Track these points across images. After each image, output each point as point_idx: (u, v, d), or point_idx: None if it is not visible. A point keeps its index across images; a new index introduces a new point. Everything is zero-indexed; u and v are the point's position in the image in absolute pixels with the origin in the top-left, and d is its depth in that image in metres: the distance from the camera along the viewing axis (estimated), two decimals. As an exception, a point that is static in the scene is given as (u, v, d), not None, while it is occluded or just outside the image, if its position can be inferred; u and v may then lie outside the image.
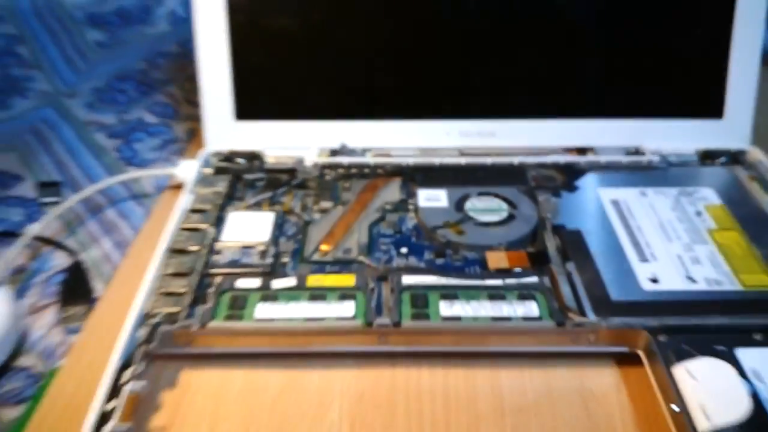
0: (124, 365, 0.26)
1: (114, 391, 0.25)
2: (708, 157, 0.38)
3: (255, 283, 0.30)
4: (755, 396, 0.24)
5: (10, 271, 0.34)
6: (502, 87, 0.39)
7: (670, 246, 0.31)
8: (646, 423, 0.26)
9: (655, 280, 0.29)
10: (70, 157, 0.43)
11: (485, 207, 0.35)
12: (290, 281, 0.30)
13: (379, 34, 0.38)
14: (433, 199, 0.35)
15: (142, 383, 0.26)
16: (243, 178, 0.37)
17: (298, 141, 0.39)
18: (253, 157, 0.38)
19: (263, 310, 0.28)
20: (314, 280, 0.30)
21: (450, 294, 0.29)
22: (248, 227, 0.33)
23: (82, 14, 0.63)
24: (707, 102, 0.38)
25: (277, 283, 0.30)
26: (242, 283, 0.30)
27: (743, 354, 0.26)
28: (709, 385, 0.24)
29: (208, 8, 0.37)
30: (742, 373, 0.25)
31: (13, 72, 0.54)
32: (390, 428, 0.26)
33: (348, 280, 0.30)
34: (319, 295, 0.29)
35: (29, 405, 0.28)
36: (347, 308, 0.28)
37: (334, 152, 0.39)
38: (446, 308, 0.28)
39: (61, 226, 0.37)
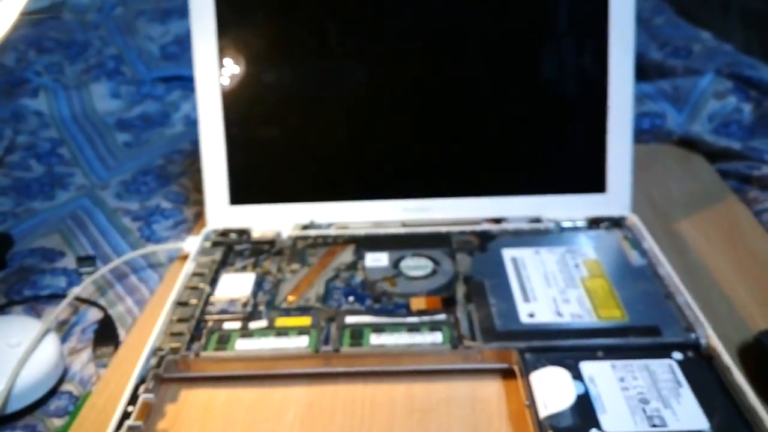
0: (140, 382, 0.36)
1: (132, 399, 0.35)
2: (595, 222, 0.49)
3: (236, 325, 0.40)
4: (586, 394, 0.34)
5: (57, 323, 0.45)
6: (435, 173, 0.51)
7: (549, 290, 0.42)
8: (515, 418, 0.35)
9: (531, 315, 0.40)
10: (102, 237, 0.55)
11: (415, 265, 0.45)
12: (262, 323, 0.40)
13: (340, 135, 0.51)
14: (377, 260, 0.46)
15: (151, 395, 0.36)
16: (234, 248, 0.48)
17: (277, 219, 0.50)
18: (243, 232, 0.50)
19: (242, 344, 0.39)
20: (281, 321, 0.41)
21: (379, 329, 0.39)
22: (235, 285, 0.44)
23: (112, 119, 0.77)
24: (593, 180, 0.49)
25: (253, 325, 0.40)
26: (228, 325, 0.40)
27: (586, 365, 0.36)
28: (550, 386, 0.34)
29: (209, 121, 0.50)
30: (580, 379, 0.35)
31: (57, 169, 0.67)
32: (330, 427, 0.36)
33: (305, 321, 0.40)
34: (283, 332, 0.40)
35: (70, 417, 0.38)
36: (303, 341, 0.39)
37: (305, 227, 0.50)
38: (375, 339, 0.39)
39: (95, 289, 0.48)
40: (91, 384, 0.41)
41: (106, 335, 0.44)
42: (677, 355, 0.36)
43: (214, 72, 0.49)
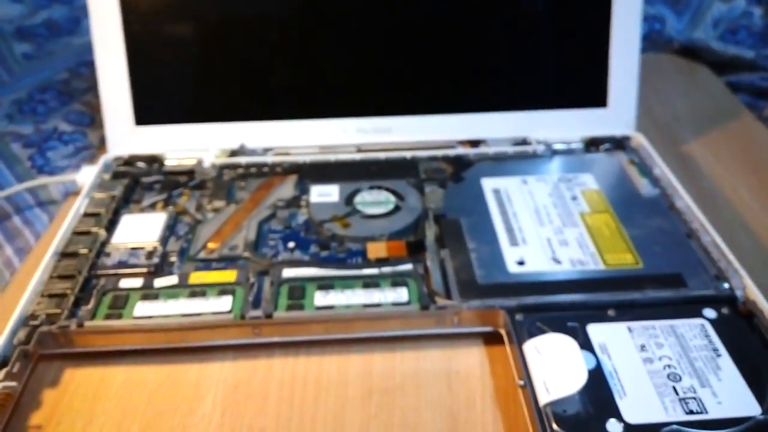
0: (1, 364, 0.27)
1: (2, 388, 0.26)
2: (593, 144, 0.40)
3: (137, 282, 0.31)
4: (599, 368, 0.26)
5: None
6: (396, 84, 0.41)
7: (542, 230, 0.33)
8: (504, 398, 0.27)
9: (521, 263, 0.31)
10: (-17, 168, 0.44)
11: (373, 200, 0.36)
12: (172, 279, 0.31)
13: (272, 35, 0.40)
14: (325, 194, 0.37)
15: (13, 384, 0.26)
16: (141, 181, 0.38)
17: (197, 143, 0.40)
18: (153, 160, 0.39)
19: (142, 309, 0.29)
20: (196, 277, 0.31)
21: (326, 285, 0.30)
22: (140, 229, 0.34)
23: (11, 27, 0.63)
24: (591, 92, 0.40)
25: (159, 282, 0.31)
26: (125, 283, 0.31)
27: (594, 329, 0.27)
28: (552, 360, 0.26)
29: (103, 16, 0.38)
30: (589, 348, 0.27)
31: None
32: (260, 416, 0.27)
33: (229, 276, 0.31)
34: (199, 291, 0.30)
35: None
36: (224, 303, 0.29)
37: (233, 153, 0.40)
38: (321, 298, 0.30)
39: (-37, 235, 0.38)
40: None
41: (-27, 296, 0.34)
42: (709, 313, 0.28)
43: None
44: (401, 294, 0.30)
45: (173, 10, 0.39)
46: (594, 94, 0.40)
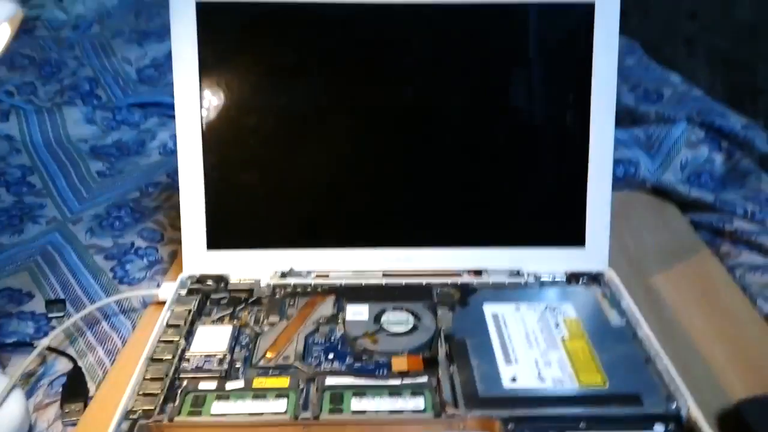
0: (111, 451, 0.35)
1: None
2: (573, 277, 0.49)
3: (212, 385, 0.39)
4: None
5: (23, 376, 0.43)
6: (416, 223, 0.51)
7: (530, 351, 0.42)
8: (498, 490, 0.35)
9: (514, 379, 0.39)
10: (73, 277, 0.53)
11: (396, 320, 0.45)
12: (240, 383, 0.39)
13: (320, 182, 0.50)
14: (357, 313, 0.46)
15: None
16: (210, 297, 0.47)
17: (256, 266, 0.49)
18: (220, 279, 0.48)
19: (218, 408, 0.38)
20: (258, 382, 0.39)
21: (360, 392, 0.39)
22: (211, 339, 0.43)
23: (86, 147, 0.75)
24: (572, 233, 0.50)
25: (229, 385, 0.39)
26: (203, 385, 0.39)
27: (568, 437, 0.35)
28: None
29: (189, 163, 0.48)
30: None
31: (27, 199, 0.65)
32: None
33: (284, 382, 0.39)
34: (261, 394, 0.38)
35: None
36: (281, 405, 0.38)
37: (284, 274, 0.49)
38: (356, 404, 0.38)
39: (64, 337, 0.47)
40: (57, 445, 0.39)
41: (76, 390, 0.42)
42: (659, 428, 0.36)
43: (195, 114, 0.48)
44: (419, 402, 0.38)
45: (245, 158, 0.49)
46: (574, 235, 0.50)
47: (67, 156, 0.72)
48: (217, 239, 0.49)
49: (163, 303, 0.46)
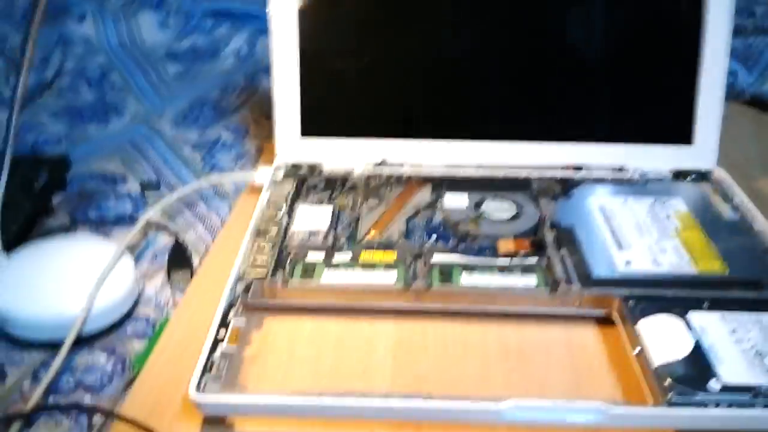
0: (228, 308, 0.35)
1: (222, 324, 0.34)
2: (680, 175, 0.47)
3: (321, 256, 0.39)
4: (699, 344, 0.32)
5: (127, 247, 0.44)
6: (514, 116, 0.49)
7: (643, 239, 0.40)
8: (618, 365, 0.34)
9: (628, 263, 0.38)
10: (164, 164, 0.53)
11: (498, 207, 0.44)
12: (347, 256, 0.39)
13: (417, 72, 0.48)
14: (456, 201, 0.45)
15: (243, 320, 0.35)
16: (306, 183, 0.47)
17: (348, 155, 0.48)
18: (314, 167, 0.48)
19: (328, 276, 0.38)
20: (366, 255, 0.39)
21: (470, 269, 0.38)
22: (313, 218, 0.43)
23: (162, 50, 0.75)
24: (680, 131, 0.47)
25: (337, 257, 0.39)
26: (311, 256, 0.39)
27: (693, 315, 0.34)
28: (661, 335, 0.33)
29: (284, 48, 0.47)
30: (691, 329, 0.33)
31: (109, 96, 0.65)
32: (422, 364, 0.35)
33: (392, 256, 0.39)
34: (369, 266, 0.38)
35: (150, 341, 0.37)
36: (391, 276, 0.38)
37: (377, 164, 0.48)
38: (467, 278, 0.37)
39: (163, 214, 0.47)
40: (168, 309, 0.40)
41: (180, 261, 0.43)
42: (785, 310, 0.34)
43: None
44: (531, 280, 0.37)
45: (342, 44, 0.48)
46: (682, 133, 0.47)
47: (144, 57, 0.72)
48: (311, 126, 0.48)
49: (258, 189, 0.46)
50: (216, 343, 0.33)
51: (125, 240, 0.42)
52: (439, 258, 0.39)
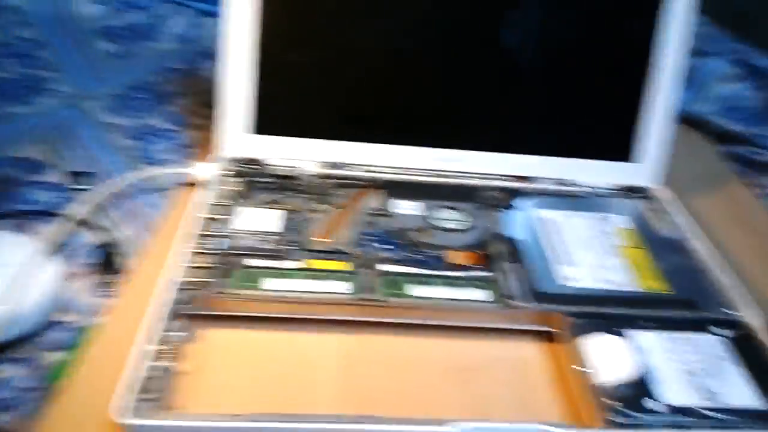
0: (162, 315, 0.33)
1: (156, 337, 0.32)
2: (622, 191, 0.48)
3: (267, 263, 0.37)
4: (638, 363, 0.33)
5: (51, 245, 0.40)
6: (468, 125, 0.48)
7: (587, 255, 0.41)
8: (561, 383, 0.34)
9: (574, 279, 0.39)
10: (95, 153, 0.50)
11: (448, 217, 0.43)
12: (294, 263, 0.38)
13: (377, 79, 0.47)
14: (408, 208, 0.44)
15: (183, 335, 0.33)
16: (253, 181, 0.45)
17: (299, 155, 0.46)
18: (261, 165, 0.46)
19: (273, 284, 0.36)
20: (312, 263, 0.38)
21: (419, 281, 0.37)
22: (259, 220, 0.41)
23: (96, 26, 0.70)
24: (621, 147, 0.48)
25: (283, 264, 0.37)
26: (257, 262, 0.37)
27: (634, 334, 0.35)
28: (603, 353, 0.33)
29: (238, 40, 0.44)
30: (631, 347, 0.34)
31: (36, 73, 0.60)
32: (370, 377, 0.34)
33: (342, 265, 0.38)
34: (317, 275, 0.37)
35: (70, 351, 0.34)
36: (341, 286, 0.36)
37: (330, 166, 0.47)
38: (417, 290, 0.37)
39: (91, 210, 0.44)
40: (95, 316, 0.37)
41: (110, 262, 0.40)
42: (719, 331, 0.36)
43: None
44: (481, 294, 0.37)
45: (298, 46, 0.46)
46: (625, 150, 0.48)
47: (78, 33, 0.67)
48: (264, 123, 0.46)
49: (197, 184, 0.44)
50: (144, 356, 0.31)
51: (47, 236, 0.39)
52: (388, 268, 0.38)
